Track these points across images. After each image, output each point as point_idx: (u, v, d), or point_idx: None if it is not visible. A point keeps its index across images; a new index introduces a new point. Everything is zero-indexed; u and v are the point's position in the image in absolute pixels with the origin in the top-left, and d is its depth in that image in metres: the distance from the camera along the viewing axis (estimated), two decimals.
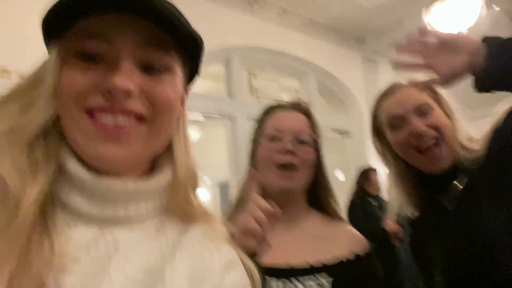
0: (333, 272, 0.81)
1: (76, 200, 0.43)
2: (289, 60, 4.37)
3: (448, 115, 0.94)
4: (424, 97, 0.94)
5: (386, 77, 5.87)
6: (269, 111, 1.01)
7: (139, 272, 0.43)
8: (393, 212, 1.03)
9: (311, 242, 0.87)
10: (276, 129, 0.92)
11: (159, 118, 0.45)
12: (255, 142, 0.99)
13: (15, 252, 0.37)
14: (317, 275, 0.79)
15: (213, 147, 4.91)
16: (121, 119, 0.42)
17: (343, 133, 5.35)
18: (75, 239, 0.42)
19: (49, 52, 0.44)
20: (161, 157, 0.50)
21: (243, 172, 0.92)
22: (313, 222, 0.92)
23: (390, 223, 2.97)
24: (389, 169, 1.01)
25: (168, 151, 0.50)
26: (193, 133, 4.75)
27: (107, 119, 0.42)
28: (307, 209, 0.95)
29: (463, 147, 0.90)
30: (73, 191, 0.43)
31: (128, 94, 0.41)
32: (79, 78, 0.42)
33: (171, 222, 0.50)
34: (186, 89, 0.51)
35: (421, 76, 0.95)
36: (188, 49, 0.46)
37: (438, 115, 0.92)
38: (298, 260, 0.80)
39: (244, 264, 0.52)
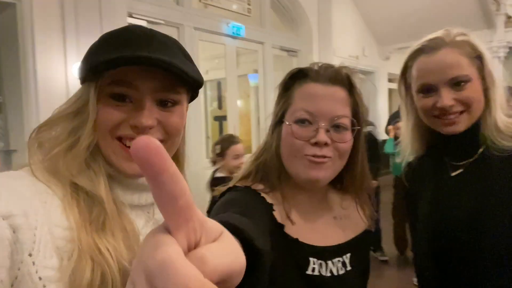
0: (351, 248, 0.81)
1: (122, 194, 0.61)
2: None
3: (487, 86, 0.87)
4: (464, 65, 0.84)
5: (341, 3, 5.76)
6: (299, 78, 0.78)
7: None
8: (402, 157, 1.02)
9: (333, 224, 0.83)
10: (307, 111, 0.74)
11: (172, 139, 0.62)
12: (278, 119, 0.80)
13: (120, 227, 0.56)
14: (343, 255, 0.80)
15: None
16: None
17: (290, 51, 5.33)
18: (136, 222, 0.61)
19: (82, 86, 0.59)
20: None
21: None
22: (333, 202, 0.86)
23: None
24: (407, 116, 0.99)
25: None
26: None
27: None
28: (327, 188, 0.86)
29: (497, 128, 0.86)
30: (120, 189, 0.61)
31: (150, 127, 0.58)
32: (112, 114, 0.57)
33: None
34: (187, 107, 0.68)
35: (465, 32, 0.88)
36: (191, 86, 0.64)
37: (473, 88, 0.85)
38: (328, 242, 0.79)
39: None
